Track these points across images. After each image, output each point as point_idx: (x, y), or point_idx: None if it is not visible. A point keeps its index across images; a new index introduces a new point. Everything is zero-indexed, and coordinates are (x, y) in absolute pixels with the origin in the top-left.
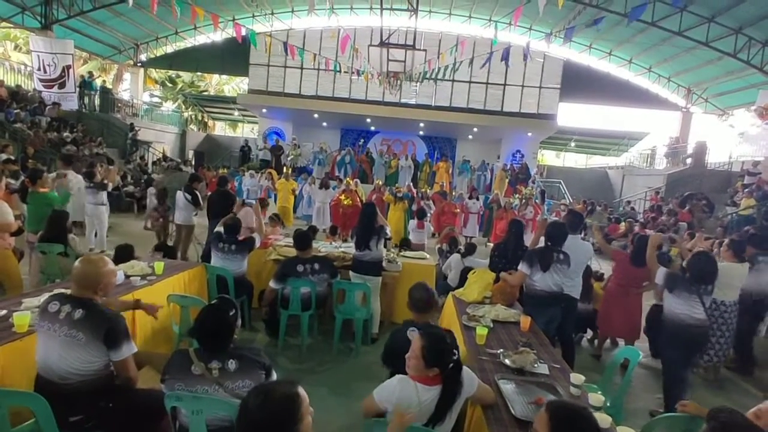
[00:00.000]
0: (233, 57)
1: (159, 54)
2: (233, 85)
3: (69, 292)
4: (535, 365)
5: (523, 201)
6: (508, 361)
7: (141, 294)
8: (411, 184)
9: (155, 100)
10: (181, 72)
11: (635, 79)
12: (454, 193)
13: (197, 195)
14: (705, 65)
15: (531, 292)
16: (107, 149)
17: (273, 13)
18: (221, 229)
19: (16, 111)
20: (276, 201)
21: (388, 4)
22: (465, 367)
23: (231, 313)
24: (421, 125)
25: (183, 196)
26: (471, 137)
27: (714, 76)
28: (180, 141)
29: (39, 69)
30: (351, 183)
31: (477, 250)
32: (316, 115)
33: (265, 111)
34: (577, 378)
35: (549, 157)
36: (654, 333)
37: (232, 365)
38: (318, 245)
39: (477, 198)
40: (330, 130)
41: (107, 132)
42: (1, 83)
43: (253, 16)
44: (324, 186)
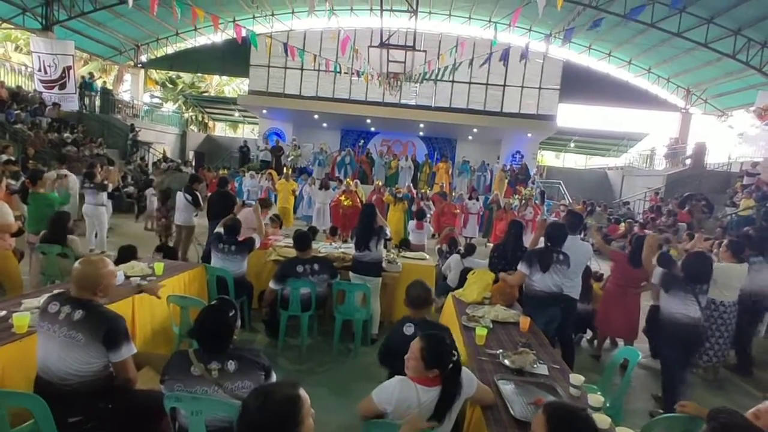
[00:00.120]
0: (234, 58)
1: (159, 55)
2: (233, 86)
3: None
4: (535, 366)
5: (523, 202)
6: (507, 362)
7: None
8: (411, 184)
9: (156, 101)
10: (182, 73)
11: (635, 80)
12: (453, 194)
13: (197, 196)
14: (704, 66)
15: (530, 292)
16: (108, 150)
17: (273, 15)
18: (221, 230)
19: (16, 112)
20: (276, 202)
21: (388, 5)
22: (464, 368)
23: (231, 314)
24: (421, 126)
25: (183, 196)
26: (471, 138)
27: (713, 77)
28: (180, 142)
29: (39, 70)
30: (351, 184)
31: (476, 250)
32: (316, 116)
33: (266, 112)
34: (577, 378)
35: (548, 158)
36: (653, 333)
37: (231, 366)
38: (318, 246)
39: (477, 199)
40: (330, 130)
41: (108, 133)
42: (2, 84)
43: (254, 17)
44: (324, 187)
